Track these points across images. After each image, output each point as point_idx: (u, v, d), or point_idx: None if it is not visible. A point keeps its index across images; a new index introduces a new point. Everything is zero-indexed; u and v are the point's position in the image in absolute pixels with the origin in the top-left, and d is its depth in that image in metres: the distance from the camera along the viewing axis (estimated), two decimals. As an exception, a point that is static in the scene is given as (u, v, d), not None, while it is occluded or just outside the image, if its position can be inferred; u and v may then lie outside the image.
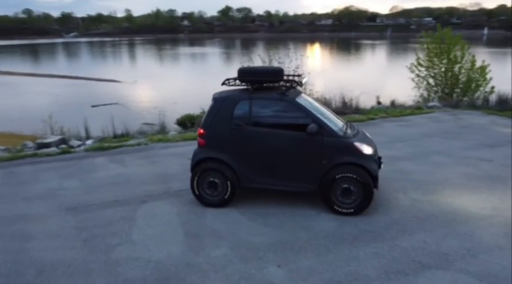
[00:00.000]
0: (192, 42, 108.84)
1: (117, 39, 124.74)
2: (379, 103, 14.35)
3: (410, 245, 4.66)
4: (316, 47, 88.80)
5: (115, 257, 4.48)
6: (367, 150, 5.42)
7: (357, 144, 5.39)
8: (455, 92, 15.72)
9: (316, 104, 6.19)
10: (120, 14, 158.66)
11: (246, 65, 11.98)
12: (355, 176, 5.26)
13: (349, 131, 5.68)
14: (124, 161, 8.07)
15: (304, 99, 5.90)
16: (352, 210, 5.35)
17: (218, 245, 4.72)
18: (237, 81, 5.86)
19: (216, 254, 4.52)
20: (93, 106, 21.19)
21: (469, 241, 4.75)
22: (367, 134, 6.28)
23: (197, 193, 5.75)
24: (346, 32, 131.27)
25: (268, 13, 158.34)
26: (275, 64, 13.24)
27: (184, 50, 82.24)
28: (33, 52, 79.45)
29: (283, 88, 5.71)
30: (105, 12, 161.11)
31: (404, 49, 63.53)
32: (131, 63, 55.77)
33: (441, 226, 5.10)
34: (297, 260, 4.38)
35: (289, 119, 5.53)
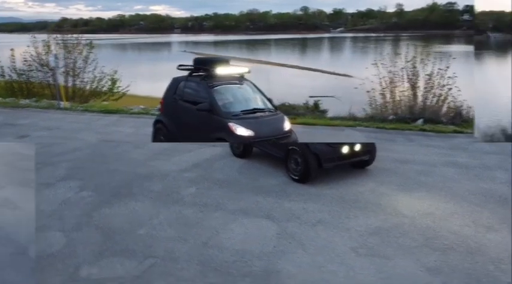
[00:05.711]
0: (468, 40, 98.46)
1: (381, 34, 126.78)
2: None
3: (286, 207, 5.77)
4: None
5: (118, 165, 7.96)
6: (240, 131, 6.52)
7: (231, 124, 6.54)
8: None
9: (246, 92, 7.42)
10: (391, 9, 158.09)
11: None
12: None
13: (245, 115, 6.76)
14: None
15: (234, 86, 7.37)
16: None
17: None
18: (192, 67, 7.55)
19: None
20: (310, 96, 23.84)
21: (332, 219, 5.38)
22: (285, 128, 7.01)
23: None
24: None
25: None
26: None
27: (450, 48, 76.41)
28: (302, 45, 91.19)
29: (204, 74, 7.21)
30: (375, 8, 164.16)
31: None
32: (373, 59, 57.06)
33: (342, 208, 5.71)
34: (211, 189, 6.60)
35: (201, 98, 6.99)
